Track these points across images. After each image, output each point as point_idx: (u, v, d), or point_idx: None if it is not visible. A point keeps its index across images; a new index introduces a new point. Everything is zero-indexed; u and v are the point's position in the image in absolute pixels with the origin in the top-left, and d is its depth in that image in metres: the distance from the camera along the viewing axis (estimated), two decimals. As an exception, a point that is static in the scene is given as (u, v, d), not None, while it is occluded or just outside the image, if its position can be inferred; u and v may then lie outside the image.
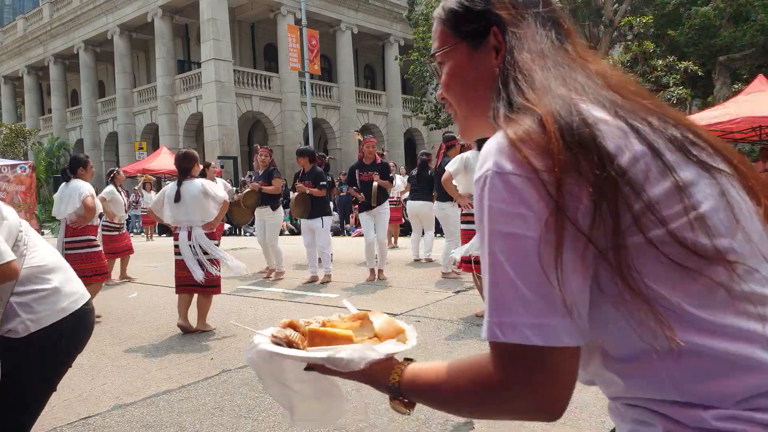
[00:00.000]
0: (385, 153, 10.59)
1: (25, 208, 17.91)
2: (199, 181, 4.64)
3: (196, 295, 4.60)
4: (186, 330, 4.50)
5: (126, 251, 7.55)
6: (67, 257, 5.08)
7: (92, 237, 5.24)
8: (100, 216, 5.77)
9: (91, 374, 3.63)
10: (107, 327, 4.93)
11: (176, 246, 4.60)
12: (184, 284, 4.54)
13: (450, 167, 4.71)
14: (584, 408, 2.70)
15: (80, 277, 2.07)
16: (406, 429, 2.58)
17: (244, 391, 3.13)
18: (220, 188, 4.87)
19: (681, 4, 19.11)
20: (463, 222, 4.81)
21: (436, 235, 8.69)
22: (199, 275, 4.40)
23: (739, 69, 19.17)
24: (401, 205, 10.91)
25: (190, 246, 4.50)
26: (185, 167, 4.65)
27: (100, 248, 5.39)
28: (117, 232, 7.37)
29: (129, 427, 2.77)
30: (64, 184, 5.31)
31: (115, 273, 7.40)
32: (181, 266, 4.54)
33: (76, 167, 5.26)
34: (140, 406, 3.01)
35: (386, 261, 8.12)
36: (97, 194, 5.37)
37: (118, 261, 7.53)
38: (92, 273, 4.96)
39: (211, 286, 4.53)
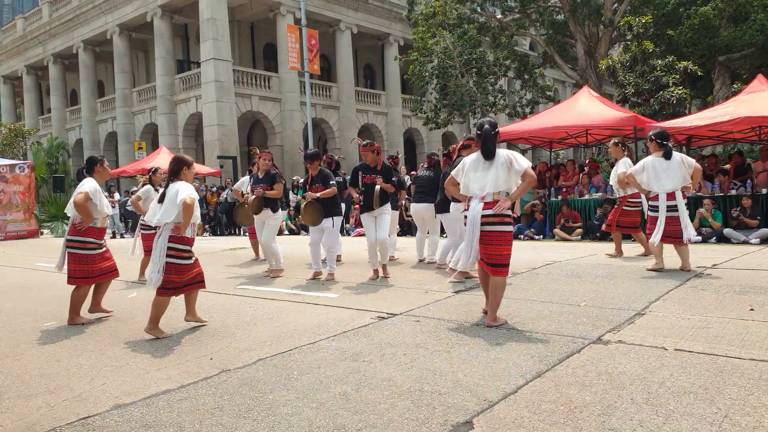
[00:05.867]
0: (398, 157, 10.55)
1: (24, 208, 17.87)
2: (177, 184, 4.65)
3: (182, 295, 4.65)
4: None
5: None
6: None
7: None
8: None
9: (91, 374, 3.62)
10: (107, 327, 4.93)
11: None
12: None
13: (453, 171, 4.70)
14: (584, 408, 2.69)
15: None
16: (405, 429, 2.58)
17: (243, 391, 3.12)
18: (186, 190, 4.74)
19: (680, 4, 19.12)
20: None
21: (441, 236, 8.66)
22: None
23: (739, 69, 19.20)
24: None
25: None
26: (172, 170, 4.75)
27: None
28: (154, 231, 7.24)
29: (128, 427, 2.76)
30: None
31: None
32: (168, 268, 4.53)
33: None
34: (139, 406, 3.00)
35: (394, 255, 8.21)
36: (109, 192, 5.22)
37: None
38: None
39: (163, 288, 4.47)
